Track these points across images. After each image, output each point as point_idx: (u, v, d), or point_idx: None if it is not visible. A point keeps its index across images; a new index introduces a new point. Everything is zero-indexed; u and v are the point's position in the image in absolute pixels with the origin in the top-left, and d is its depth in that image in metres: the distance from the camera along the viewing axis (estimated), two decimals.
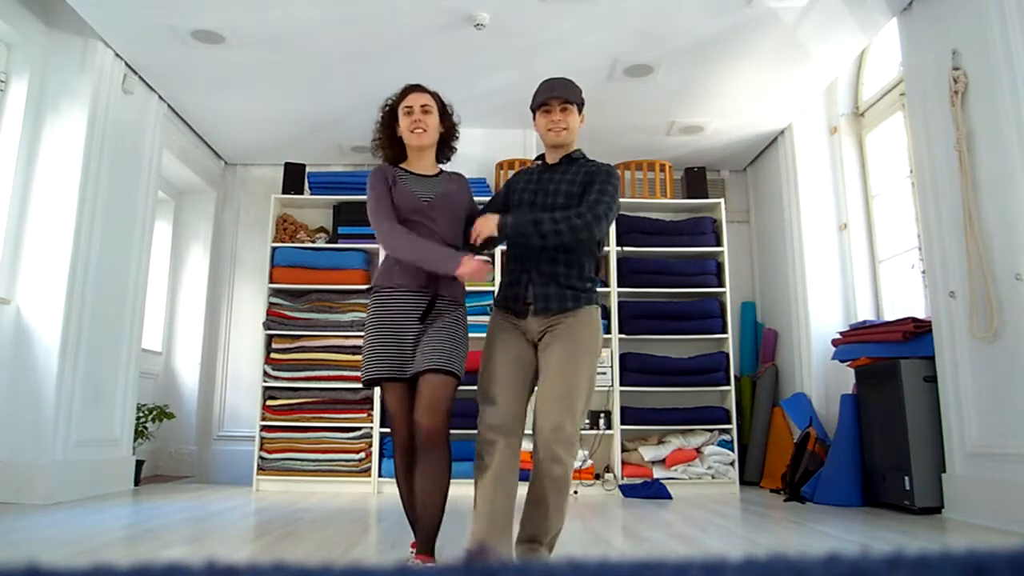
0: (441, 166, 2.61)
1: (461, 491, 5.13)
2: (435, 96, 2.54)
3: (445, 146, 2.60)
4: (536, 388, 2.27)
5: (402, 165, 2.53)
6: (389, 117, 2.55)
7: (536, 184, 2.41)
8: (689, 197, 5.54)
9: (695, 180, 5.57)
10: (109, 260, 4.41)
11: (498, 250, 4.57)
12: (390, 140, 2.55)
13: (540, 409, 2.18)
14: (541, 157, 2.51)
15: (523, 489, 2.18)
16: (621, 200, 5.26)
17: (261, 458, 4.89)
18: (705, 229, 5.40)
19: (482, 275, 2.27)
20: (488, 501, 2.15)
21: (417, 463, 2.28)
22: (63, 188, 4.10)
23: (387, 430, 4.90)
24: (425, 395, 2.24)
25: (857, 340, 4.27)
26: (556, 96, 2.38)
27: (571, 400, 2.16)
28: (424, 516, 2.25)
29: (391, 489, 4.80)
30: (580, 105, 2.43)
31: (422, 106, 2.47)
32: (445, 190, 2.46)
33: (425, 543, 2.25)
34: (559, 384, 2.18)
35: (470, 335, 2.46)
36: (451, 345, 2.30)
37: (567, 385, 2.17)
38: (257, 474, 4.86)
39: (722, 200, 5.49)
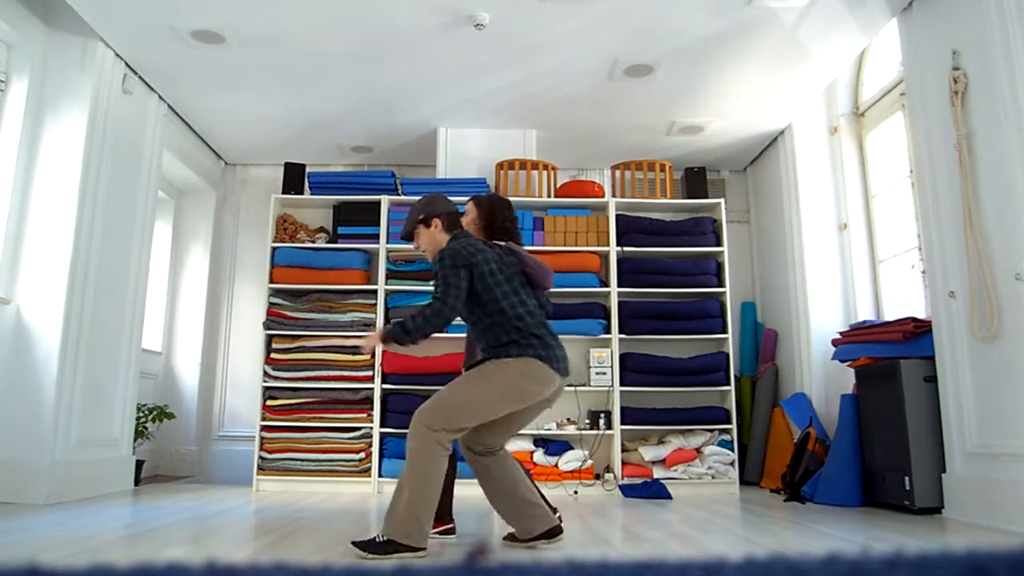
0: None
1: (469, 491, 5.07)
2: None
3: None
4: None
5: None
6: None
7: None
8: (689, 197, 5.54)
9: (695, 180, 5.57)
10: (109, 260, 4.41)
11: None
12: None
13: None
14: None
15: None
16: (621, 200, 5.36)
17: (261, 458, 4.89)
18: (705, 229, 5.39)
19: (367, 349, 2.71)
20: None
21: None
22: (63, 188, 4.10)
23: (387, 430, 4.96)
24: None
25: (857, 340, 4.27)
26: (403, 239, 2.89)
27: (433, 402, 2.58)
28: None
29: (391, 489, 4.81)
30: (422, 221, 2.78)
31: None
32: None
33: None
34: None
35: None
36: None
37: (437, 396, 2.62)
38: (257, 474, 4.86)
39: (722, 200, 5.49)
